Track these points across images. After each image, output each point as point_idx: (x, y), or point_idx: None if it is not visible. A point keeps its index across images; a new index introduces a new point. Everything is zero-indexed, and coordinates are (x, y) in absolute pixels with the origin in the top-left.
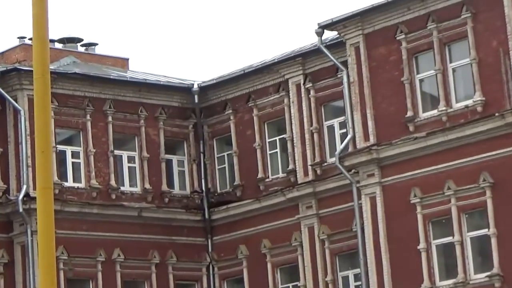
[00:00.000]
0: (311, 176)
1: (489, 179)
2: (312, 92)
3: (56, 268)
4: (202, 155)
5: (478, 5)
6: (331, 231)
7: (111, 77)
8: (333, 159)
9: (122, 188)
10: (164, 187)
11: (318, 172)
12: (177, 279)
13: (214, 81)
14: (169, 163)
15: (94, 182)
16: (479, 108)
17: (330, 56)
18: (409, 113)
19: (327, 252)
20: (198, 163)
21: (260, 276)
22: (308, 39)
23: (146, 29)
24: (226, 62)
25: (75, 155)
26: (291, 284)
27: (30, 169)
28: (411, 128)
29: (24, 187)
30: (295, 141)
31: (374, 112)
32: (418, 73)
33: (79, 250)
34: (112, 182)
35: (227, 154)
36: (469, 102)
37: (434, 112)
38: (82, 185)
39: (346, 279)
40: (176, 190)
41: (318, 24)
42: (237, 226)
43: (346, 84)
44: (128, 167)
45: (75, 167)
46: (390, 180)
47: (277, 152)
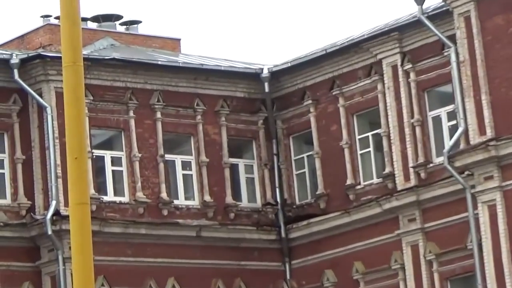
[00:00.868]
0: (413, 181)
1: None
2: (412, 75)
3: None
4: (275, 157)
5: None
6: (441, 249)
7: (159, 62)
8: (440, 159)
9: (176, 202)
10: (229, 199)
11: (422, 175)
12: None
13: (289, 64)
14: (234, 169)
15: (140, 195)
16: None
17: (434, 29)
18: None
19: (436, 276)
20: (271, 168)
21: None
22: (406, 9)
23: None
24: (303, 41)
25: (116, 161)
26: None
27: (60, 180)
28: None
29: (53, 203)
30: (392, 137)
31: (491, 99)
32: None
33: (124, 281)
34: (164, 195)
35: (307, 156)
36: None
37: None
38: (125, 199)
39: None
40: (244, 202)
41: None
42: (321, 246)
43: (454, 64)
44: (183, 175)
45: (117, 176)
46: None
47: (370, 151)
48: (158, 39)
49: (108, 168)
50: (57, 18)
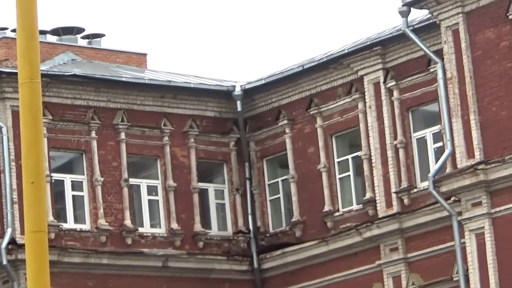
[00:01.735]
0: (396, 208)
1: None
2: (395, 93)
3: None
4: (248, 182)
5: None
6: (425, 281)
7: (124, 79)
8: (425, 184)
9: (141, 230)
10: (198, 226)
11: (406, 201)
12: None
13: (263, 81)
14: (204, 194)
15: (103, 223)
16: None
17: (420, 43)
18: None
19: None
20: (243, 194)
21: None
22: (389, 22)
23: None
24: (278, 57)
25: (76, 186)
26: None
27: (16, 206)
28: None
29: (9, 231)
30: (373, 160)
31: (481, 119)
32: None
33: None
34: (128, 222)
35: (282, 180)
36: None
37: None
38: (86, 226)
39: None
40: (214, 230)
41: (403, 0)
42: (297, 278)
43: (441, 81)
44: (149, 201)
45: (77, 202)
46: (504, 210)
47: (349, 176)
48: (123, 53)
49: (68, 193)
50: (13, 31)
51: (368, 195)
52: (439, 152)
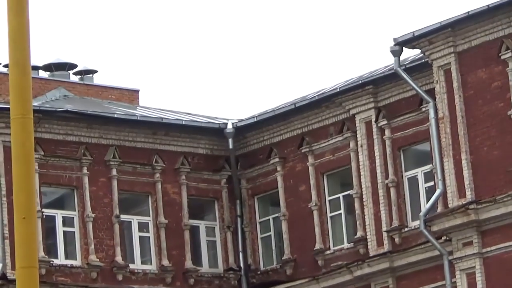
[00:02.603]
0: (387, 247)
1: None
2: (387, 132)
3: None
4: (239, 219)
5: None
6: None
7: (116, 115)
8: (416, 223)
9: (132, 266)
10: (189, 263)
11: (397, 240)
12: None
13: (255, 119)
14: (195, 231)
15: (94, 259)
16: None
17: (411, 82)
18: None
19: None
20: (234, 231)
21: None
22: (381, 61)
23: (161, 51)
24: (271, 95)
25: (68, 222)
26: None
27: (7, 241)
28: None
29: None
30: (365, 199)
31: (472, 158)
32: None
33: None
34: (118, 258)
35: (273, 218)
36: None
37: None
38: (77, 262)
39: None
40: (205, 268)
41: (395, 40)
42: None
43: (433, 121)
44: (140, 238)
45: (68, 238)
46: (495, 250)
47: (341, 214)
48: (115, 90)
49: (59, 229)
50: (5, 66)
51: (359, 234)
52: (430, 191)
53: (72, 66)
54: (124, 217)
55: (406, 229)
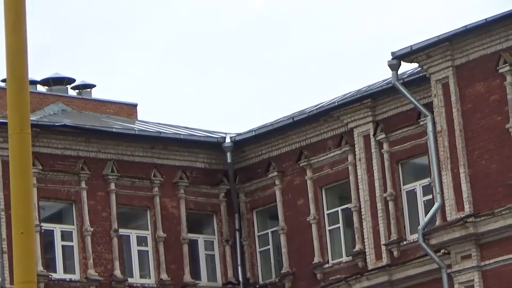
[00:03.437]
0: (385, 260)
1: None
2: (385, 146)
3: None
4: (238, 233)
5: None
6: None
7: (114, 130)
8: (415, 236)
9: (131, 280)
10: (187, 277)
11: (395, 254)
12: None
13: (253, 133)
14: (193, 245)
15: (92, 273)
16: None
17: (409, 96)
18: None
19: None
20: (232, 245)
21: None
22: (380, 75)
23: (159, 65)
24: (269, 109)
25: (66, 236)
26: None
27: (6, 256)
28: None
29: None
30: (363, 212)
31: (470, 172)
32: None
33: None
34: (117, 272)
35: (272, 232)
36: None
37: None
38: (76, 276)
39: None
40: (204, 281)
41: (393, 53)
42: None
43: (431, 134)
44: (138, 252)
45: (67, 252)
46: (493, 263)
47: (339, 227)
48: (113, 104)
49: (58, 243)
50: (3, 81)
51: (358, 247)
52: (428, 204)
53: (70, 81)
54: (122, 231)
55: (405, 242)
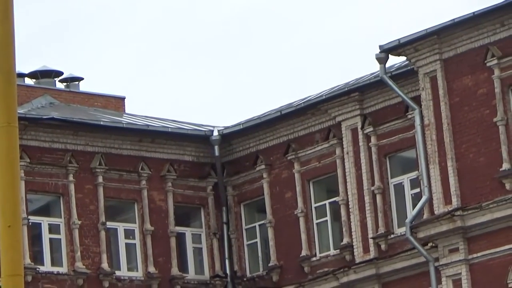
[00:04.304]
0: (373, 253)
1: None
2: (373, 139)
3: None
4: (225, 226)
5: None
6: None
7: (102, 123)
8: (402, 230)
9: (118, 273)
10: (175, 270)
11: (383, 247)
12: None
13: (241, 126)
14: (181, 238)
15: (80, 266)
16: None
17: (397, 90)
18: (504, 165)
19: None
20: (220, 238)
21: None
22: (367, 68)
23: (147, 59)
24: (256, 102)
25: (54, 229)
26: None
27: None
28: (507, 186)
29: None
30: (351, 206)
31: (458, 165)
32: None
33: None
34: (105, 265)
35: (259, 225)
36: None
37: None
38: (64, 269)
39: None
40: (191, 274)
41: (380, 47)
42: None
43: (419, 128)
44: (126, 245)
45: (54, 245)
46: (481, 256)
47: (327, 221)
48: (101, 97)
49: (45, 236)
50: None
51: (345, 240)
52: (416, 198)
53: (58, 74)
54: (110, 224)
55: (392, 235)
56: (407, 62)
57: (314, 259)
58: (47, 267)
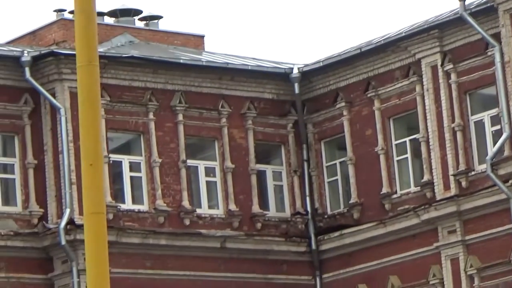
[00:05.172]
0: (453, 190)
1: None
2: (453, 76)
3: None
4: (306, 164)
5: None
6: (483, 263)
7: (181, 61)
8: (483, 167)
9: (199, 211)
10: (256, 208)
11: (464, 184)
12: None
13: (321, 64)
14: (261, 175)
15: (161, 204)
16: None
17: (477, 27)
18: None
19: None
20: (300, 175)
21: None
22: (447, 6)
23: None
24: (336, 40)
25: (134, 167)
26: None
27: (75, 187)
28: None
29: (67, 211)
30: (431, 143)
31: None
32: None
33: None
34: (185, 203)
35: (340, 163)
36: None
37: None
38: (144, 207)
39: None
40: (272, 212)
41: None
42: (354, 259)
43: (499, 65)
44: (207, 182)
45: (135, 183)
46: None
47: (407, 158)
48: (180, 35)
49: (126, 174)
50: (71, 12)
51: (426, 178)
52: (497, 135)
53: (137, 12)
54: (190, 162)
55: (473, 173)
56: None
57: (395, 196)
58: (128, 205)
